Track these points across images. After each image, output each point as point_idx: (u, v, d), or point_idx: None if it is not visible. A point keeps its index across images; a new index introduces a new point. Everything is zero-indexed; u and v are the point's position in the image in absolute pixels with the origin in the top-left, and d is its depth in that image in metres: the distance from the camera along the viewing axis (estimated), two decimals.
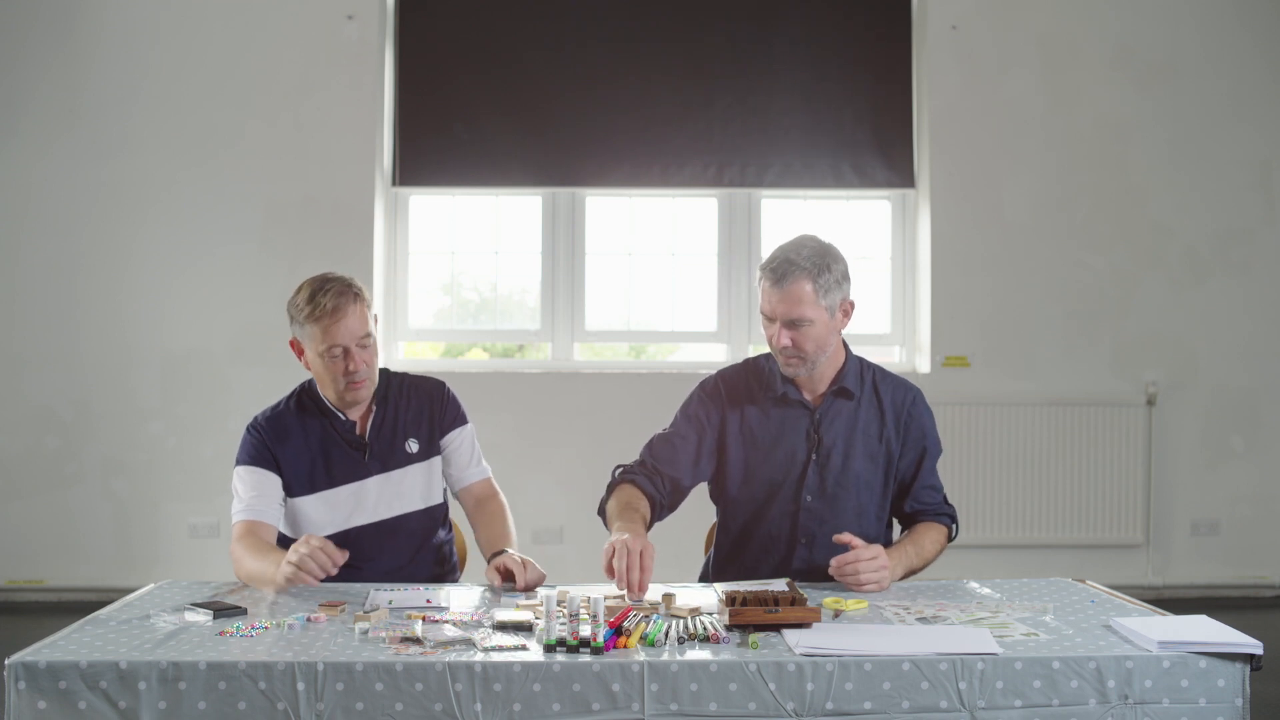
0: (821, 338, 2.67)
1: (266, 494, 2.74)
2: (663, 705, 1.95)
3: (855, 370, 2.79)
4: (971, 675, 1.99)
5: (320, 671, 1.95)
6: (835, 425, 2.75)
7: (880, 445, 2.77)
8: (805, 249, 2.66)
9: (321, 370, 2.75)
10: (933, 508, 2.83)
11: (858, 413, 2.77)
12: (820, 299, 2.64)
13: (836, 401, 2.77)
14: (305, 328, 2.73)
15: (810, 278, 2.63)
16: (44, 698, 1.93)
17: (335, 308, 2.69)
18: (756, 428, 2.78)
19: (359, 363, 2.73)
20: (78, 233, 5.37)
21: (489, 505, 2.90)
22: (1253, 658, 2.04)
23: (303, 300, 2.73)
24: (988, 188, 5.52)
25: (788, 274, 2.63)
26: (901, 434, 2.79)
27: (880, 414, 2.78)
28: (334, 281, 2.74)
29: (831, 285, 2.65)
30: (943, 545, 2.80)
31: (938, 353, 5.49)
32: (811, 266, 2.63)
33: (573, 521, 5.42)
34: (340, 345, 2.70)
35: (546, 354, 5.68)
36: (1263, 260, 5.58)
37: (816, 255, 2.65)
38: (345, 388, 2.74)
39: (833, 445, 2.75)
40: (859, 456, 2.75)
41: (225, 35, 5.40)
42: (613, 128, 5.54)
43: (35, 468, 5.37)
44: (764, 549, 2.80)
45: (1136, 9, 5.55)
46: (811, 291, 2.63)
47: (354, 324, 2.71)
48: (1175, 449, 5.54)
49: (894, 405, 2.79)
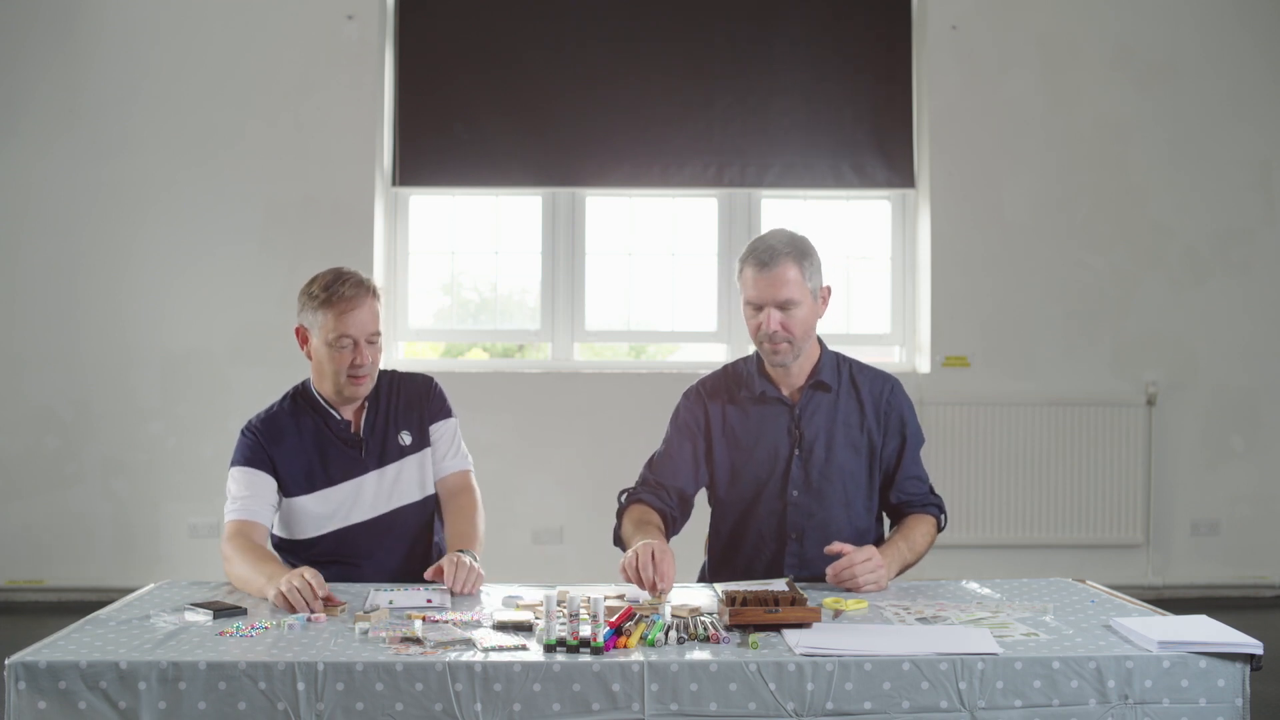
0: (807, 321, 2.72)
1: (259, 494, 2.74)
2: (663, 705, 1.95)
3: (831, 363, 2.82)
4: (971, 675, 1.99)
5: (320, 671, 1.95)
6: (815, 419, 2.78)
7: (862, 436, 2.79)
8: (783, 236, 2.73)
9: (325, 360, 2.74)
10: (919, 498, 2.83)
11: (837, 405, 2.79)
12: (806, 281, 2.70)
13: (815, 395, 2.79)
14: (317, 314, 2.72)
15: (795, 261, 2.68)
16: (44, 698, 1.94)
17: (352, 297, 2.71)
18: (738, 428, 2.81)
19: (365, 358, 2.73)
20: (78, 233, 5.37)
21: (460, 499, 2.86)
22: (1253, 658, 2.04)
23: (319, 287, 2.73)
24: (988, 188, 5.52)
25: (774, 258, 2.67)
26: (882, 423, 2.80)
27: (859, 405, 2.80)
28: (352, 274, 2.76)
29: (813, 270, 2.72)
30: (933, 537, 2.80)
31: (938, 353, 5.49)
32: (795, 251, 2.69)
33: (573, 521, 5.42)
34: (350, 336, 2.71)
35: (546, 354, 5.68)
36: (1263, 260, 5.58)
37: (796, 241, 2.72)
38: (346, 381, 2.74)
39: (814, 439, 2.77)
40: (841, 448, 2.77)
41: (225, 35, 5.40)
42: (613, 128, 5.54)
43: (35, 468, 5.37)
44: (755, 547, 2.81)
45: (1136, 9, 5.55)
46: (798, 274, 2.68)
47: (366, 318, 2.73)
48: (1175, 449, 5.54)
49: (872, 395, 2.81)
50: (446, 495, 2.88)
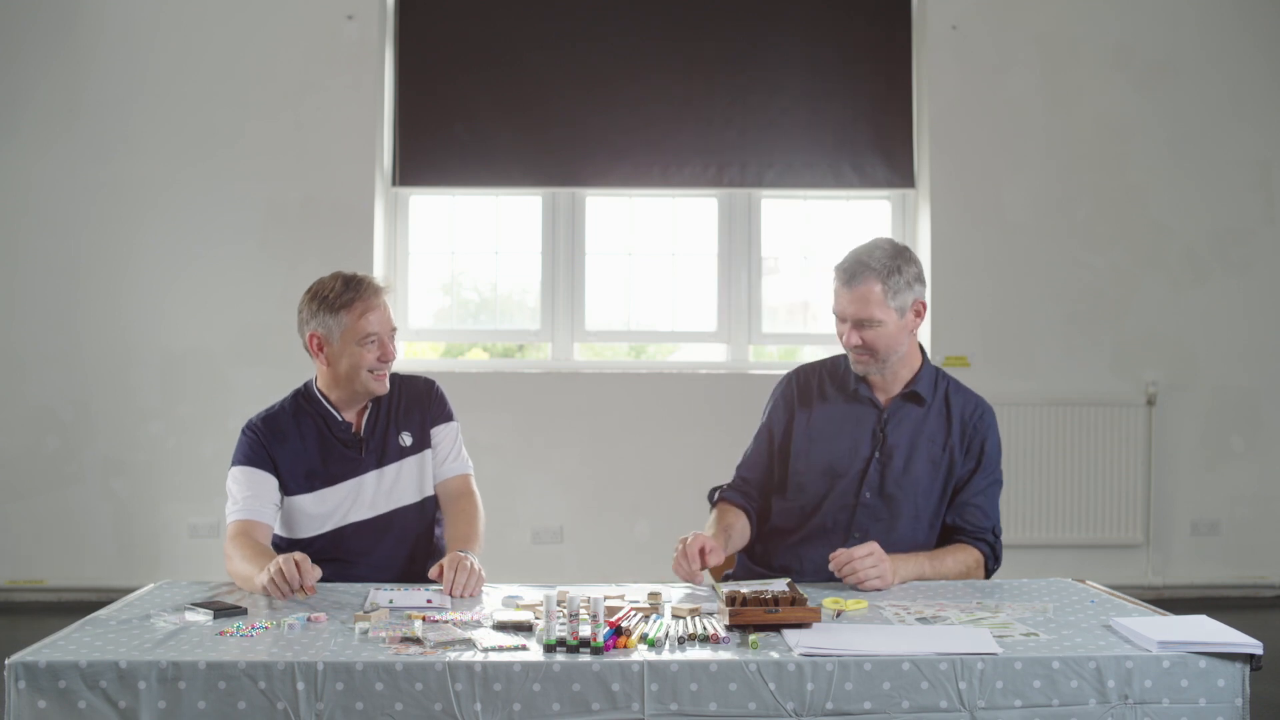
0: (892, 337, 2.72)
1: (261, 494, 2.74)
2: (663, 705, 1.95)
3: (929, 377, 2.82)
4: (971, 675, 1.99)
5: (320, 671, 1.95)
6: (901, 427, 2.78)
7: (943, 454, 2.78)
8: (878, 250, 2.72)
9: (351, 360, 2.75)
10: (972, 529, 2.78)
11: (926, 419, 2.79)
12: (890, 300, 2.68)
13: (906, 405, 2.80)
14: (338, 316, 2.74)
15: (880, 279, 2.67)
16: (44, 697, 1.94)
17: (373, 295, 2.76)
18: (824, 421, 2.83)
19: (390, 352, 2.78)
20: (78, 233, 5.37)
21: (460, 503, 2.87)
22: (1253, 658, 2.04)
23: (337, 289, 2.75)
24: (988, 188, 5.52)
25: (858, 275, 2.68)
26: (965, 444, 2.80)
27: (947, 422, 2.79)
28: (363, 274, 2.80)
29: (902, 287, 2.69)
30: (968, 570, 2.72)
31: (938, 353, 5.49)
32: (882, 268, 2.68)
33: (573, 521, 5.42)
34: (377, 333, 2.75)
35: (546, 354, 5.68)
36: (1263, 260, 5.58)
37: (888, 257, 2.70)
38: (371, 378, 2.77)
39: (896, 446, 2.77)
40: (921, 461, 2.77)
41: (225, 35, 5.39)
42: (613, 128, 5.54)
43: (35, 468, 5.37)
44: (813, 539, 2.79)
45: (1136, 9, 5.55)
46: (880, 293, 2.67)
47: (387, 314, 2.79)
48: (1175, 449, 5.54)
49: (961, 415, 2.80)
50: (447, 499, 2.88)
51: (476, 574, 2.53)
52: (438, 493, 2.90)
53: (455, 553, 2.60)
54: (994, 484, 2.82)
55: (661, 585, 2.52)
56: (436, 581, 2.54)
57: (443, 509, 2.89)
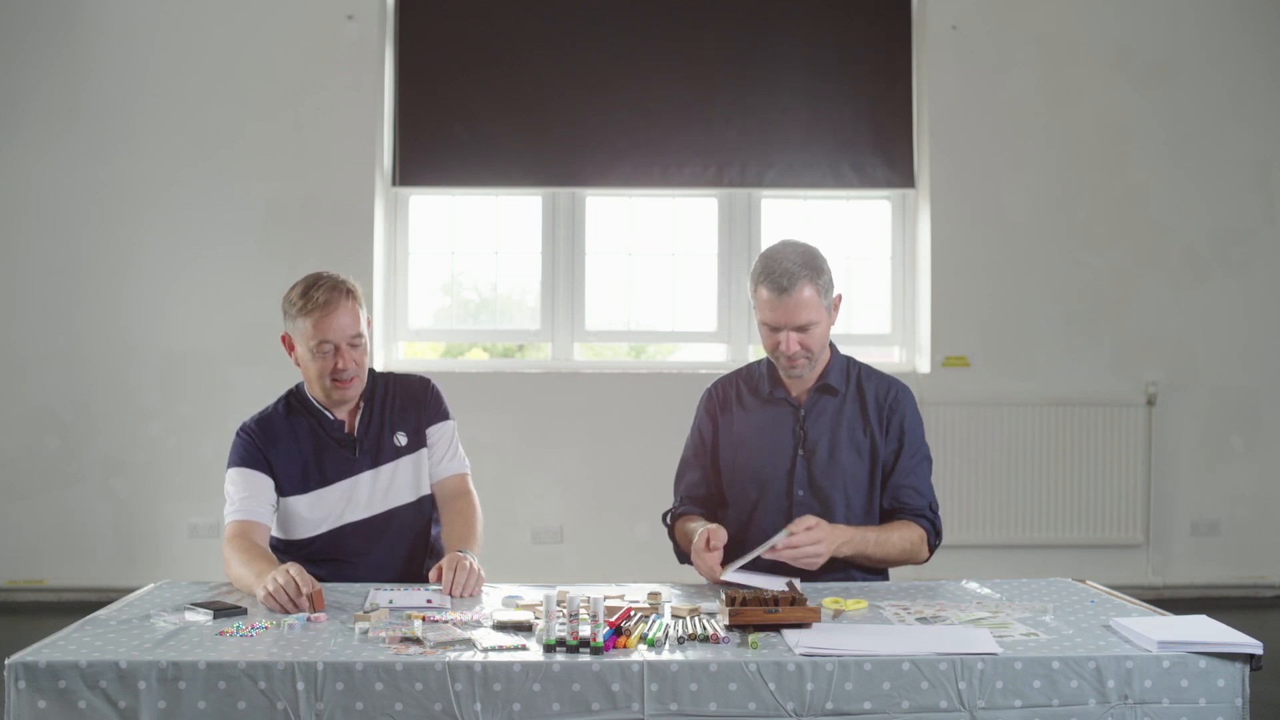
0: (825, 335, 2.76)
1: (258, 495, 2.74)
2: (663, 705, 1.95)
3: (840, 367, 2.84)
4: (971, 675, 1.99)
5: (320, 671, 1.95)
6: (820, 420, 2.80)
7: (865, 439, 2.80)
8: (797, 254, 2.71)
9: (310, 366, 2.75)
10: (911, 509, 2.78)
11: (842, 408, 2.81)
12: (822, 299, 2.71)
13: (821, 398, 2.81)
14: (297, 322, 2.74)
15: (811, 281, 2.68)
16: (44, 697, 1.94)
17: (327, 302, 2.70)
18: (745, 429, 2.84)
19: (348, 361, 2.73)
20: (78, 233, 5.37)
21: (458, 503, 2.86)
22: (1252, 658, 2.04)
23: (296, 294, 2.75)
24: (988, 188, 5.52)
25: (793, 282, 2.66)
26: (884, 426, 2.80)
27: (863, 408, 2.81)
28: (328, 278, 2.76)
29: (828, 285, 2.72)
30: (912, 545, 2.72)
31: (938, 353, 5.49)
32: (810, 271, 2.68)
33: (572, 521, 5.42)
34: (331, 341, 2.71)
35: (546, 354, 5.68)
36: (1263, 260, 5.58)
37: (811, 258, 2.71)
38: (332, 385, 2.74)
39: (818, 439, 2.78)
40: (844, 450, 2.78)
41: (225, 35, 5.40)
42: (613, 128, 5.54)
43: (35, 468, 5.37)
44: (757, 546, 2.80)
45: (1136, 9, 5.55)
46: (814, 294, 2.68)
47: (345, 321, 2.72)
48: (1175, 449, 5.54)
49: (877, 398, 2.82)
50: (444, 498, 2.88)
51: (476, 574, 2.53)
52: (434, 492, 2.90)
53: (454, 553, 2.60)
54: (923, 461, 2.82)
55: (661, 585, 2.52)
56: (437, 581, 2.54)
57: (440, 509, 2.89)
